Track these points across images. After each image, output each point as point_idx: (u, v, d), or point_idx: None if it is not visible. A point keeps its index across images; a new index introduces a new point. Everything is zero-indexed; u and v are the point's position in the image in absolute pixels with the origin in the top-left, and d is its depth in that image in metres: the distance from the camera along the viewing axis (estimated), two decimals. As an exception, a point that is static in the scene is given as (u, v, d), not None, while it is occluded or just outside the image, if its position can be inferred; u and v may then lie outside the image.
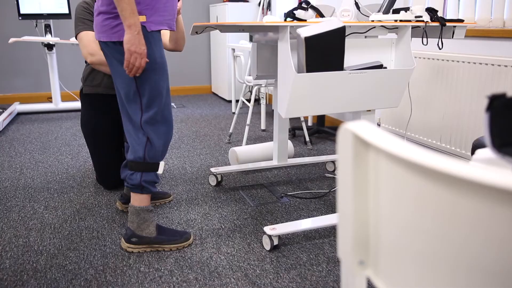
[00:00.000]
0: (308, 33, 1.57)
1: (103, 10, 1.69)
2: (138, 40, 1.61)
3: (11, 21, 5.06)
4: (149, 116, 1.78)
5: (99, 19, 1.72)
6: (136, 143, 1.80)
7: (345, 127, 0.61)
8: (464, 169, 0.45)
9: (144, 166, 1.81)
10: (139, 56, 1.63)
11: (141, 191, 1.82)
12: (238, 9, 5.09)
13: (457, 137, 2.53)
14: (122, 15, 1.57)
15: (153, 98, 1.77)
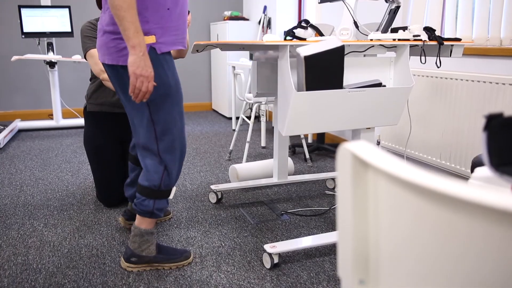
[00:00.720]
0: (307, 52, 1.59)
1: (110, 30, 1.59)
2: (144, 62, 1.49)
3: (14, 39, 5.11)
4: (166, 145, 1.69)
5: (105, 39, 1.61)
6: (153, 171, 1.71)
7: (344, 147, 0.61)
8: (461, 189, 0.45)
9: (159, 194, 1.75)
10: (145, 80, 1.51)
11: (150, 217, 1.79)
12: (238, 27, 5.15)
13: (457, 154, 2.53)
14: (125, 35, 1.47)
15: (168, 126, 1.67)
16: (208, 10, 5.78)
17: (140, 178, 1.77)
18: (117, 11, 1.44)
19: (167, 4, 1.58)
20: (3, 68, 5.13)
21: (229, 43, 1.95)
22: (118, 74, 1.62)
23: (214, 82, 5.76)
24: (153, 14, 1.55)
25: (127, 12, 1.44)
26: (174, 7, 1.60)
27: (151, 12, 1.55)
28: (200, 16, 5.77)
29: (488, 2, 2.47)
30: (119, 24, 1.46)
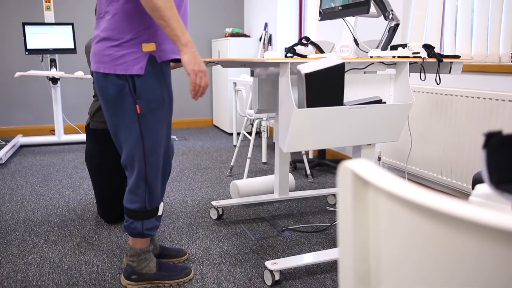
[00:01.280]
0: (308, 69, 1.61)
1: (106, 36, 1.52)
2: (198, 57, 1.47)
3: (18, 56, 5.16)
4: (153, 163, 1.63)
5: (100, 46, 1.53)
6: (136, 192, 1.65)
7: (345, 165, 0.62)
8: (461, 208, 0.45)
9: (145, 214, 1.70)
10: (203, 75, 1.49)
11: (142, 237, 1.75)
12: (239, 43, 5.20)
13: (458, 170, 2.53)
14: (174, 35, 1.43)
15: (158, 142, 1.62)
16: (210, 27, 5.85)
17: (124, 199, 1.70)
18: (162, 12, 1.40)
19: None
20: (6, 84, 5.17)
21: (230, 60, 1.97)
22: (110, 83, 1.54)
23: (215, 98, 5.79)
24: (155, 21, 1.53)
25: (171, 11, 1.41)
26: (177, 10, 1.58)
27: (153, 19, 1.53)
28: (201, 33, 5.83)
29: (486, 20, 2.50)
30: (165, 25, 1.42)
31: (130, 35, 1.52)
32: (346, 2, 2.12)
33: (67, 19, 5.25)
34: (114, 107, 1.58)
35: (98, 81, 1.58)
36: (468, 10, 2.60)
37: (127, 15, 1.51)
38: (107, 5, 1.53)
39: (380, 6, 2.19)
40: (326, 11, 2.29)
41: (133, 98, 1.56)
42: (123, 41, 1.51)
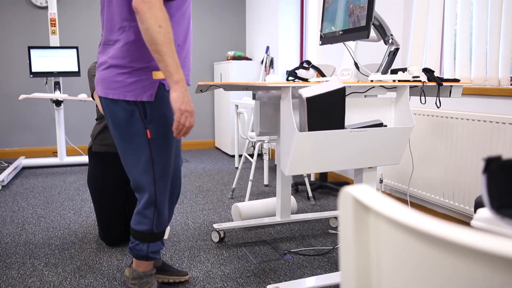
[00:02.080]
0: (309, 93, 1.62)
1: (115, 64, 1.55)
2: (187, 97, 1.47)
3: (22, 78, 5.23)
4: (163, 186, 1.64)
5: (109, 73, 1.56)
6: (144, 215, 1.67)
7: (346, 191, 0.62)
8: (462, 235, 0.46)
9: (152, 237, 1.70)
10: (189, 115, 1.49)
11: (147, 260, 1.75)
12: (241, 66, 5.26)
13: (460, 193, 2.53)
14: (167, 71, 1.44)
15: (167, 166, 1.64)
16: (212, 50, 5.93)
17: (132, 221, 1.71)
18: (159, 47, 1.42)
19: (177, 41, 1.60)
20: (10, 106, 5.22)
21: (232, 84, 2.00)
22: (120, 108, 1.57)
23: (217, 120, 5.82)
24: None
25: (168, 47, 1.42)
26: (183, 44, 1.63)
27: None
28: (204, 56, 5.90)
29: (485, 44, 2.53)
30: (160, 59, 1.43)
31: (141, 64, 1.54)
32: (346, 26, 2.16)
33: (72, 43, 5.34)
34: (124, 131, 1.60)
35: (107, 106, 1.60)
36: (467, 34, 2.63)
37: (139, 44, 1.54)
38: (120, 34, 1.55)
39: (380, 31, 2.22)
40: (327, 35, 2.33)
41: (143, 123, 1.58)
42: (134, 69, 1.54)
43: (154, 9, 1.39)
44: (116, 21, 1.56)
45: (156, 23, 1.40)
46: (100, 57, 1.62)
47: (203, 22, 5.84)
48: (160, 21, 1.40)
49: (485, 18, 2.51)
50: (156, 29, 1.40)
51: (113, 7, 1.57)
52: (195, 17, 5.80)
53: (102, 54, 1.62)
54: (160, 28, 1.40)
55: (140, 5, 1.39)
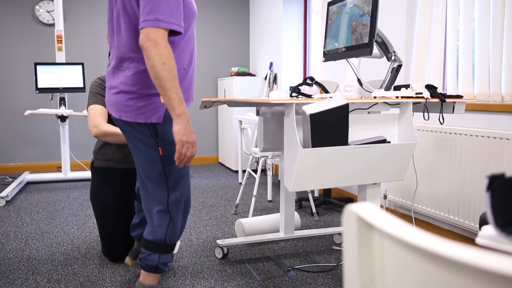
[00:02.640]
0: (313, 110, 1.64)
1: (127, 90, 1.65)
2: (188, 129, 1.56)
3: (28, 94, 5.28)
4: (176, 197, 1.74)
5: (121, 98, 1.66)
6: (158, 225, 1.73)
7: (349, 209, 0.63)
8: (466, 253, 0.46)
9: (163, 248, 1.76)
10: (190, 146, 1.57)
11: (155, 272, 1.78)
12: (245, 82, 5.30)
13: (465, 209, 2.51)
14: (170, 104, 1.52)
15: (179, 179, 1.74)
16: (216, 66, 5.98)
17: (145, 232, 1.78)
18: (163, 82, 1.50)
19: (183, 65, 1.70)
20: (16, 121, 5.26)
21: (236, 100, 2.01)
22: (134, 130, 1.70)
23: (221, 136, 5.84)
24: None
25: (171, 83, 1.50)
26: (188, 68, 1.73)
27: None
28: (208, 72, 5.95)
29: (487, 60, 2.55)
30: (164, 93, 1.52)
31: (149, 91, 1.66)
32: (349, 43, 2.18)
33: (78, 59, 5.40)
34: (139, 149, 1.73)
35: (121, 127, 1.74)
36: (469, 51, 2.65)
37: (147, 75, 1.64)
38: (129, 63, 1.66)
39: (383, 48, 2.24)
40: (330, 52, 2.35)
41: (155, 141, 1.70)
42: (144, 95, 1.65)
43: (158, 46, 1.48)
44: (125, 51, 1.66)
45: (160, 60, 1.48)
46: (110, 80, 1.71)
47: (207, 39, 5.90)
48: (164, 58, 1.49)
49: (487, 34, 2.53)
50: (160, 66, 1.48)
51: (121, 37, 1.65)
52: (199, 33, 5.86)
53: (112, 78, 1.70)
54: (164, 65, 1.48)
55: (146, 43, 1.48)
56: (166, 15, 1.49)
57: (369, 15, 2.03)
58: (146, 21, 1.49)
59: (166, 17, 1.50)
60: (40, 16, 5.22)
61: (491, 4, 2.48)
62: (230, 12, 5.99)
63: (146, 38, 1.48)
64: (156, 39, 1.47)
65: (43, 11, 5.23)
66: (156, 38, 1.47)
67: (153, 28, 1.48)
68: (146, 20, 1.49)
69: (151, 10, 1.48)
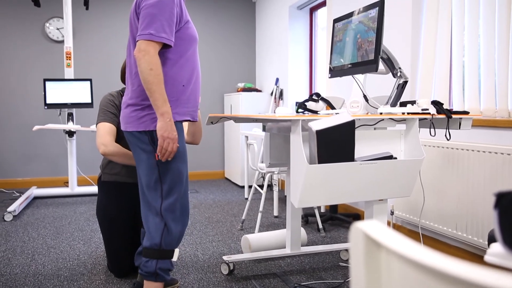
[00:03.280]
0: (319, 126, 1.64)
1: (132, 103, 1.85)
2: (170, 126, 1.74)
3: (36, 109, 5.34)
4: (169, 203, 1.84)
5: (127, 111, 1.86)
6: (153, 230, 1.84)
7: (357, 227, 0.63)
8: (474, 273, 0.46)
9: (160, 253, 1.84)
10: (171, 141, 1.75)
11: (155, 279, 1.83)
12: (251, 98, 5.33)
13: (473, 225, 2.49)
14: (155, 105, 1.72)
15: (174, 186, 1.85)
16: (222, 81, 6.02)
17: (143, 241, 1.88)
18: (149, 85, 1.71)
19: (182, 82, 1.86)
20: (24, 137, 5.31)
21: (242, 116, 2.03)
22: (136, 138, 1.85)
23: (227, 151, 5.85)
24: (170, 89, 1.83)
25: (157, 86, 1.71)
26: (187, 85, 1.89)
27: (169, 87, 1.83)
28: (214, 87, 5.99)
29: (493, 75, 2.55)
30: (150, 95, 1.72)
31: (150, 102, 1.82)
32: (355, 60, 2.20)
33: (86, 75, 5.47)
34: (140, 157, 1.88)
35: (127, 137, 1.91)
36: (475, 66, 2.66)
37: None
38: (134, 78, 1.86)
39: (388, 64, 2.25)
40: (336, 68, 2.37)
41: (153, 147, 1.84)
42: (145, 106, 1.83)
43: (148, 55, 1.70)
44: (132, 68, 1.87)
45: (148, 67, 1.70)
46: (123, 99, 1.95)
47: (214, 54, 5.96)
48: (151, 65, 1.70)
49: (493, 50, 2.54)
50: (147, 71, 1.70)
51: (130, 58, 1.90)
52: (206, 49, 5.92)
53: (124, 96, 1.94)
54: (151, 70, 1.70)
55: (137, 54, 1.72)
56: (158, 30, 1.72)
57: (375, 32, 2.05)
58: (140, 35, 1.73)
59: (158, 32, 1.72)
60: (50, 33, 5.31)
61: (496, 19, 2.50)
62: (236, 28, 6.05)
63: (138, 49, 1.72)
64: (146, 49, 1.70)
65: (52, 28, 5.32)
66: (146, 49, 1.70)
67: (146, 41, 1.71)
68: (141, 35, 1.73)
69: (146, 26, 1.72)
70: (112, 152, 2.28)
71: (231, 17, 6.03)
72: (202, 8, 5.89)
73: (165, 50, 1.81)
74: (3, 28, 5.19)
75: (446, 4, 2.83)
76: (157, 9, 1.73)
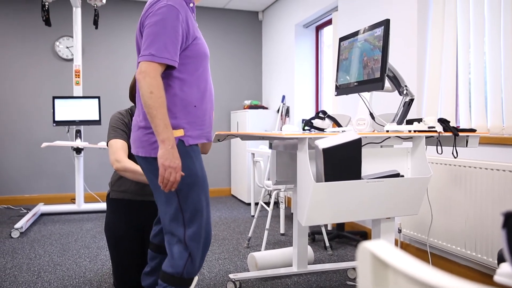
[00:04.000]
0: (325, 144, 1.65)
1: (143, 125, 1.74)
2: (172, 154, 1.62)
3: (45, 126, 5.39)
4: (193, 232, 1.74)
5: (139, 134, 1.75)
6: (178, 257, 1.74)
7: (364, 247, 0.63)
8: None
9: (180, 281, 1.76)
10: (173, 171, 1.63)
11: None
12: (257, 115, 5.35)
13: (482, 244, 2.46)
14: (155, 131, 1.61)
15: (196, 213, 1.74)
16: (229, 99, 6.06)
17: (164, 264, 1.79)
18: (149, 110, 1.61)
19: (194, 102, 1.75)
20: (32, 153, 5.36)
21: (249, 134, 2.04)
22: (150, 165, 1.74)
23: (234, 168, 5.86)
24: (182, 110, 1.72)
25: (157, 110, 1.60)
26: (200, 105, 1.78)
27: (179, 108, 1.72)
28: (221, 105, 6.03)
29: (499, 92, 2.55)
30: (151, 120, 1.61)
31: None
32: (361, 78, 2.21)
33: (94, 93, 5.53)
34: (155, 183, 1.76)
35: (140, 163, 1.80)
36: (481, 83, 2.66)
37: None
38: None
39: (394, 82, 2.27)
40: (342, 86, 2.38)
41: None
42: None
43: (148, 78, 1.61)
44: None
45: (148, 90, 1.60)
46: (134, 120, 1.84)
47: (221, 72, 6.02)
48: (152, 88, 1.60)
49: (499, 67, 2.54)
50: (147, 95, 1.60)
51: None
52: (212, 66, 5.98)
53: (134, 117, 1.84)
54: (151, 94, 1.60)
55: (138, 76, 1.62)
56: (160, 50, 1.62)
57: (380, 50, 2.07)
58: (142, 56, 1.63)
59: (160, 52, 1.62)
60: (59, 52, 5.40)
61: (502, 35, 2.51)
62: (243, 46, 6.12)
63: (139, 71, 1.62)
64: (147, 71, 1.61)
65: (62, 47, 5.41)
66: (146, 70, 1.61)
67: (146, 62, 1.62)
68: (142, 55, 1.63)
69: (147, 46, 1.63)
70: (126, 168, 2.28)
71: (238, 35, 6.10)
72: (209, 25, 5.97)
73: (173, 70, 1.71)
74: (14, 46, 5.29)
75: (451, 21, 2.85)
76: (159, 27, 1.63)
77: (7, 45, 5.27)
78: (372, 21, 3.60)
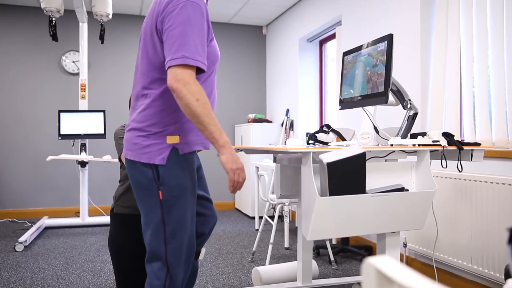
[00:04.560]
0: (330, 159, 1.65)
1: (135, 127, 1.63)
2: (234, 156, 1.58)
3: (50, 140, 5.43)
4: (173, 248, 1.62)
5: (130, 135, 1.64)
6: (155, 277, 1.62)
7: (369, 262, 0.63)
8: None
9: None
10: (241, 171, 1.60)
11: None
12: (262, 128, 5.36)
13: (489, 259, 2.44)
14: (212, 138, 1.53)
15: (179, 228, 1.63)
16: (233, 112, 6.09)
17: (146, 283, 1.66)
18: (200, 118, 1.50)
19: None
20: (37, 167, 5.38)
21: (253, 148, 2.04)
22: (136, 170, 1.62)
23: (238, 181, 5.84)
24: (182, 116, 1.62)
25: (209, 117, 1.51)
26: None
27: (181, 113, 1.62)
28: (225, 118, 6.05)
29: (504, 105, 2.55)
30: (203, 129, 1.52)
31: (157, 128, 1.61)
32: (365, 92, 2.22)
33: (99, 106, 5.57)
34: (140, 191, 1.64)
35: (127, 166, 1.67)
36: (485, 96, 2.66)
37: (156, 110, 1.61)
38: (142, 100, 1.65)
39: (398, 96, 2.27)
40: (346, 100, 2.39)
41: (156, 184, 1.61)
42: (150, 133, 1.60)
43: (188, 85, 1.48)
44: (139, 89, 1.65)
45: (193, 98, 1.48)
46: (128, 120, 1.71)
47: (225, 85, 6.05)
48: (196, 95, 1.48)
49: (503, 80, 2.55)
50: (194, 103, 1.48)
51: (138, 75, 1.68)
52: (217, 80, 6.02)
53: (130, 117, 1.71)
54: (197, 101, 1.48)
55: (175, 84, 1.48)
56: (192, 52, 1.49)
57: (384, 65, 2.08)
58: (173, 59, 1.48)
59: (192, 54, 1.49)
60: (66, 66, 5.46)
61: (505, 48, 2.52)
62: (247, 60, 6.16)
63: (175, 79, 1.47)
64: (185, 78, 1.47)
65: (69, 61, 5.47)
66: (184, 78, 1.47)
67: (180, 68, 1.48)
68: (174, 59, 1.48)
69: (178, 49, 1.48)
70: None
71: (243, 49, 6.15)
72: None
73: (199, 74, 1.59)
74: (21, 61, 5.35)
75: (454, 35, 2.86)
76: (188, 26, 1.49)
77: (14, 60, 5.33)
78: (375, 35, 3.63)
